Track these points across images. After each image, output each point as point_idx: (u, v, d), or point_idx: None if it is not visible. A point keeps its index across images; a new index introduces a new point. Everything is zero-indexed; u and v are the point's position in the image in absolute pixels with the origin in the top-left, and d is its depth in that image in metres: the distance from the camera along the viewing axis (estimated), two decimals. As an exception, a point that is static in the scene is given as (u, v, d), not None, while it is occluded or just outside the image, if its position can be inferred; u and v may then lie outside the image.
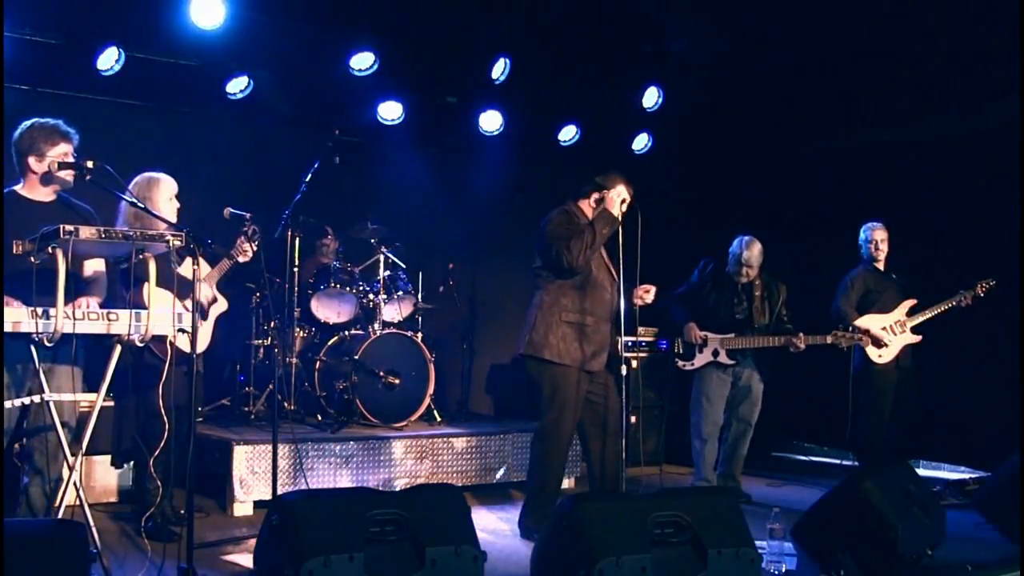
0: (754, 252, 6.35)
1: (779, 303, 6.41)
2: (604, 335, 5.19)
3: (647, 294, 5.27)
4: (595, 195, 5.25)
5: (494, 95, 7.50)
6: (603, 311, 5.19)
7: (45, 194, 4.28)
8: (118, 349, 4.04)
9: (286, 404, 6.40)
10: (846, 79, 7.24)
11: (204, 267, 4.94)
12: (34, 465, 4.14)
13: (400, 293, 7.07)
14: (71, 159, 4.21)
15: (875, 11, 6.54)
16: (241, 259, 5.28)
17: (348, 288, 6.92)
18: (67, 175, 4.25)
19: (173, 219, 4.84)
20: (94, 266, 4.41)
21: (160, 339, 4.16)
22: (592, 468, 5.28)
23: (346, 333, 6.88)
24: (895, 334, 6.51)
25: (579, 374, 5.12)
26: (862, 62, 7.02)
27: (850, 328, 6.32)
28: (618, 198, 5.12)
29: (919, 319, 6.49)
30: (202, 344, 5.07)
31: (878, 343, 6.47)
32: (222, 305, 5.36)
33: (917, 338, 6.54)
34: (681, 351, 6.47)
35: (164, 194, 4.96)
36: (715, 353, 6.33)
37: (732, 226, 6.53)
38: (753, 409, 6.37)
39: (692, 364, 6.40)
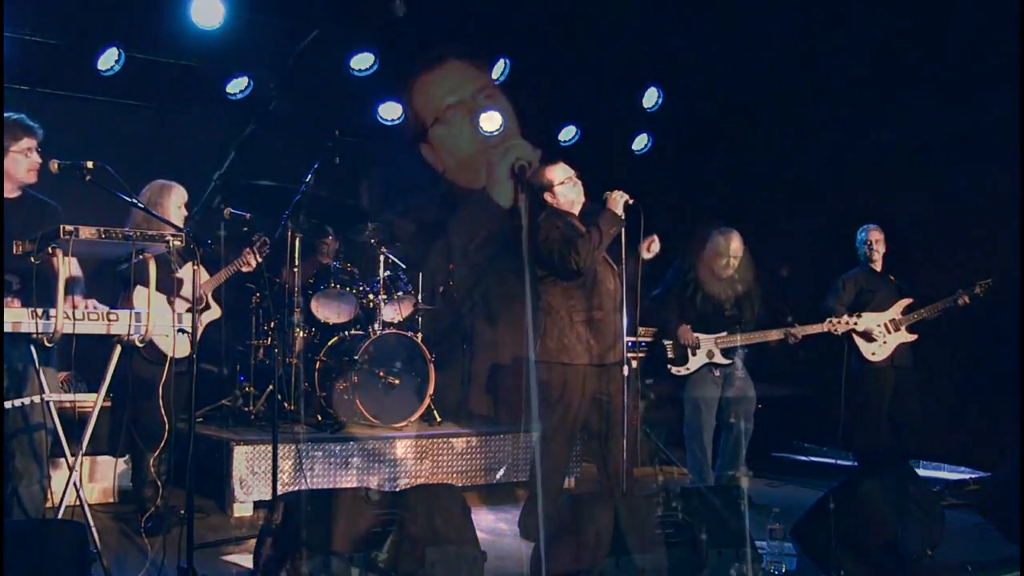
0: (734, 244, 6.30)
1: (758, 296, 6.34)
2: (616, 325, 5.13)
3: (653, 244, 5.19)
4: (546, 194, 5.25)
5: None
6: (610, 302, 5.16)
7: (9, 190, 4.19)
8: (118, 349, 4.03)
9: (286, 404, 6.39)
10: (845, 79, 7.23)
11: (203, 273, 4.95)
12: (16, 468, 4.09)
13: (400, 293, 7.06)
14: (36, 153, 4.16)
15: (874, 11, 6.54)
16: (244, 269, 5.40)
17: (348, 288, 6.91)
18: (30, 172, 4.16)
19: (180, 225, 4.84)
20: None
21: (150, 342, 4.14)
22: (599, 468, 5.26)
23: (346, 333, 6.87)
24: (889, 332, 6.50)
25: (591, 373, 5.11)
26: (861, 62, 7.02)
27: (843, 316, 6.28)
28: (620, 198, 5.10)
29: (914, 318, 6.49)
30: (184, 349, 5.05)
31: (868, 337, 6.46)
32: (215, 312, 5.37)
33: (912, 337, 6.53)
34: (673, 356, 6.33)
35: (175, 201, 5.06)
36: (710, 354, 6.29)
37: (732, 226, 6.50)
38: (750, 410, 6.32)
39: (687, 368, 6.29)
